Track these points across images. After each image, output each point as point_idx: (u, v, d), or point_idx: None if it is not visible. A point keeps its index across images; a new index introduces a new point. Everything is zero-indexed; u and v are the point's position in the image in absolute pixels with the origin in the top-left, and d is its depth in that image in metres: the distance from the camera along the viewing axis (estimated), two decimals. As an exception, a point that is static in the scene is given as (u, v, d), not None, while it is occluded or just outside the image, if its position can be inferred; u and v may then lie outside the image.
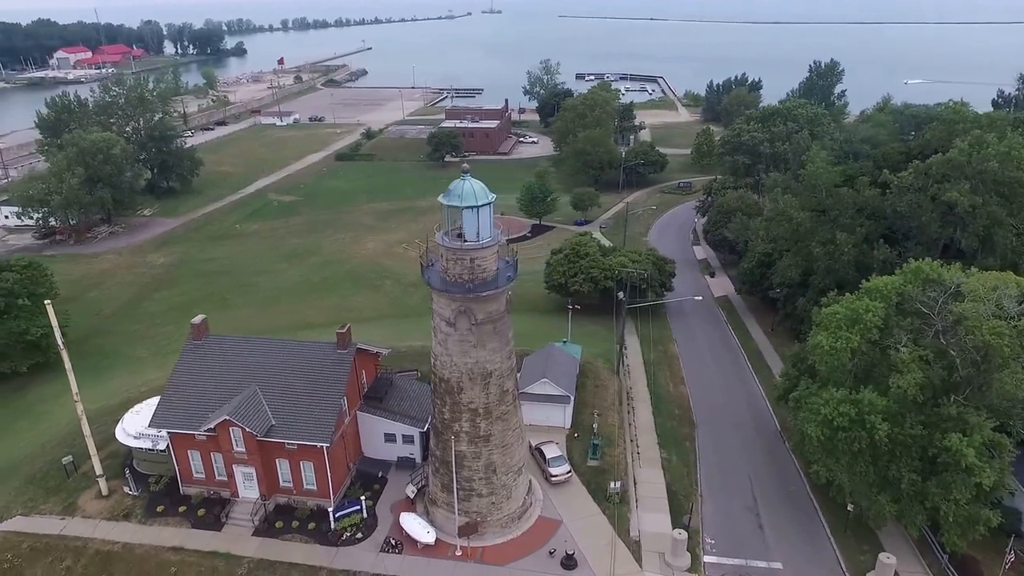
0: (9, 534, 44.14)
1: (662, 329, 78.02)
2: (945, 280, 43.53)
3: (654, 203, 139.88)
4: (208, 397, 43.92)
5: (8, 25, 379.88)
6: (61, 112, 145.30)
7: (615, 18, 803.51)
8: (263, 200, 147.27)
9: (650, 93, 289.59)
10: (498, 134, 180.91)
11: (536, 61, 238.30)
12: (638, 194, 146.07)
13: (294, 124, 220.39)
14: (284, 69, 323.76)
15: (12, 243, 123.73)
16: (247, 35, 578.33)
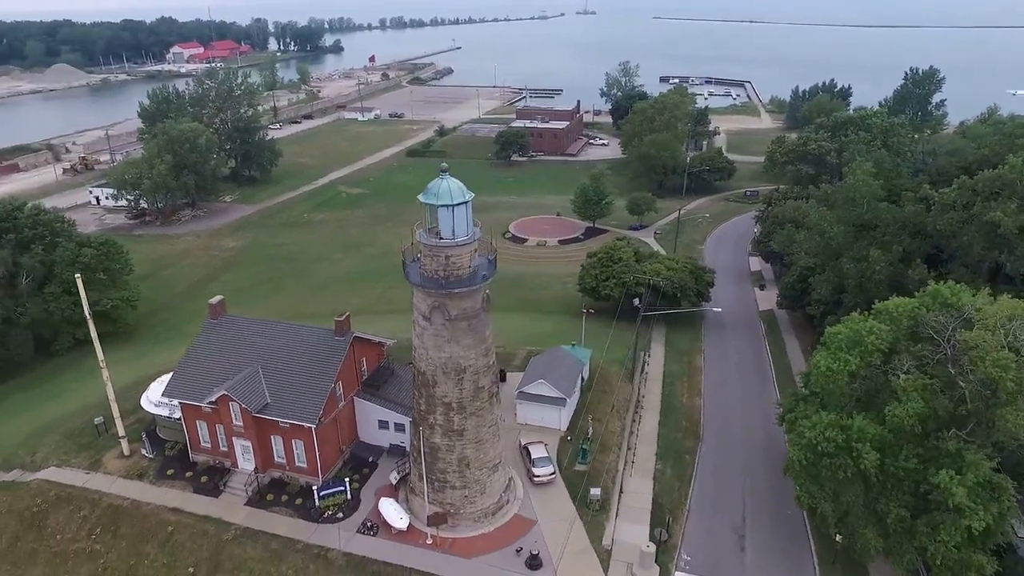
0: (42, 482, 48.67)
1: (693, 340, 76.15)
2: (964, 305, 40.56)
3: (717, 211, 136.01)
4: (216, 372, 46.79)
5: (134, 22, 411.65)
6: (161, 103, 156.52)
7: (713, 20, 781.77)
8: (333, 191, 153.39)
9: (734, 98, 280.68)
10: (567, 135, 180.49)
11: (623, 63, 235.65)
12: (702, 201, 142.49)
13: (374, 120, 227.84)
14: (374, 66, 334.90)
15: (108, 222, 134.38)
16: (347, 33, 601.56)
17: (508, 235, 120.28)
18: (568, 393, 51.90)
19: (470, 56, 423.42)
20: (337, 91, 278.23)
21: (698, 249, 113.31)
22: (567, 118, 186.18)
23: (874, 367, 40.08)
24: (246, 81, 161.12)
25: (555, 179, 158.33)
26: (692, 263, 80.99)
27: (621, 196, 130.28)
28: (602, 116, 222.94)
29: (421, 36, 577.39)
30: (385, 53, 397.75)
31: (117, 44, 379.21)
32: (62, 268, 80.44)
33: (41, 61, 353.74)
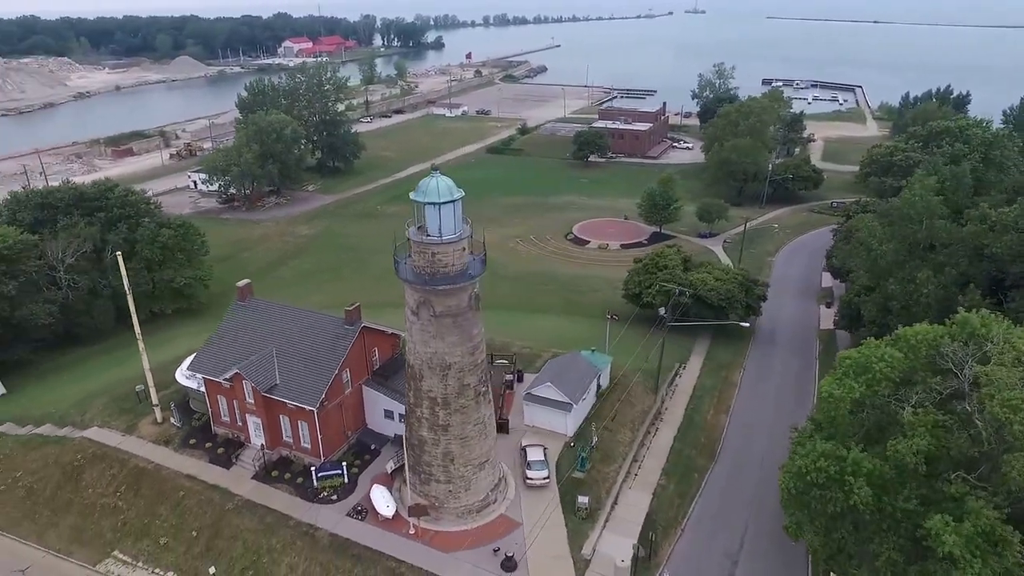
0: (84, 440, 53.72)
1: (736, 354, 73.55)
2: (992, 336, 37.29)
3: (797, 222, 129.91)
4: (236, 351, 49.97)
5: (252, 18, 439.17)
6: (256, 95, 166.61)
7: (833, 20, 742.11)
8: (409, 185, 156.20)
9: (840, 103, 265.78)
10: (649, 137, 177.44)
11: (729, 63, 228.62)
12: (783, 211, 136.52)
13: (461, 116, 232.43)
14: (469, 63, 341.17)
15: (201, 205, 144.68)
16: (451, 30, 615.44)
17: (570, 236, 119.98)
18: (575, 399, 51.61)
19: (568, 55, 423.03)
20: (431, 87, 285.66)
21: (768, 261, 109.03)
22: (651, 120, 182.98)
23: (882, 397, 37.56)
24: (335, 76, 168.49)
25: (630, 182, 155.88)
26: (743, 275, 78.05)
27: (695, 202, 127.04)
28: (691, 119, 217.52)
29: (522, 34, 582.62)
30: (483, 50, 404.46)
31: (235, 38, 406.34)
32: (143, 246, 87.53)
33: (168, 54, 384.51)
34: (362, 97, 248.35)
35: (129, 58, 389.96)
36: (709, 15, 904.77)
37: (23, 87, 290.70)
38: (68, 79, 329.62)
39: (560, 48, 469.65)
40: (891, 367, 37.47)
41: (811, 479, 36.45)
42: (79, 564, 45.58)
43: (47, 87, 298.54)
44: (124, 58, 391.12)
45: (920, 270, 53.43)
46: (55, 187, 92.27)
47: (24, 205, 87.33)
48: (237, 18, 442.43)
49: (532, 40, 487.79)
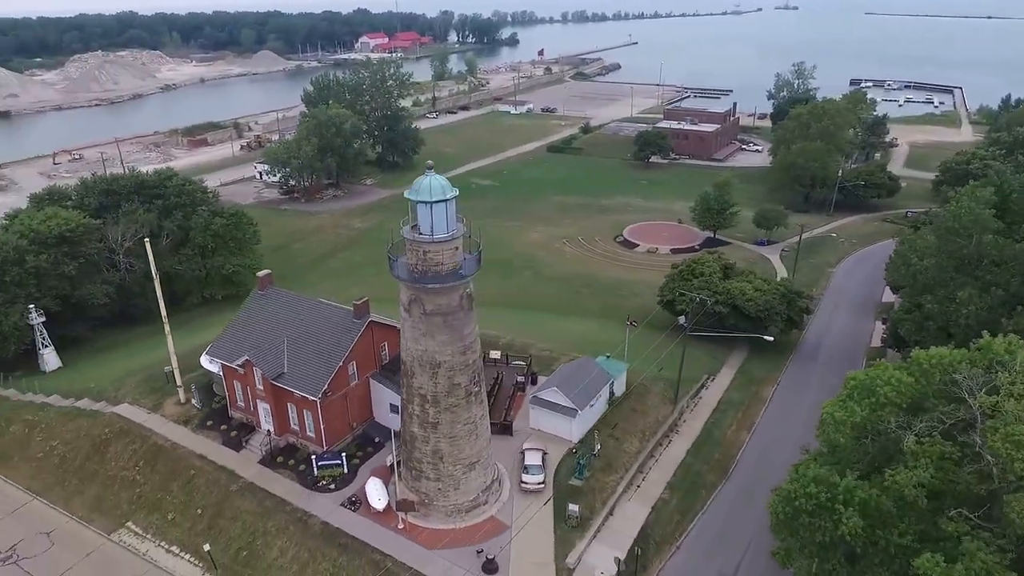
0: (114, 415, 57.57)
1: (772, 369, 71.23)
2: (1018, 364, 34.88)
3: (867, 232, 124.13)
4: (252, 338, 52.36)
5: (332, 13, 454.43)
6: (321, 90, 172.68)
7: (941, 16, 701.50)
8: (465, 182, 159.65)
9: (935, 106, 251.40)
10: (715, 139, 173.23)
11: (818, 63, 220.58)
12: (853, 219, 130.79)
13: (526, 113, 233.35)
14: (542, 60, 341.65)
15: (264, 196, 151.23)
16: (528, 26, 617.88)
17: (620, 239, 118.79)
18: (582, 405, 51.35)
19: (644, 53, 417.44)
20: (501, 84, 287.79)
21: (827, 272, 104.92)
22: (719, 121, 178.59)
23: (886, 423, 35.75)
24: (397, 72, 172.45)
25: (691, 184, 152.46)
26: (785, 286, 75.36)
27: (757, 207, 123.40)
28: (765, 120, 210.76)
29: (600, 31, 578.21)
30: (557, 47, 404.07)
31: (315, 34, 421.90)
32: (196, 233, 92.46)
33: (251, 48, 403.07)
34: (429, 93, 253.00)
35: (215, 52, 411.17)
36: (802, 11, 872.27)
37: (117, 79, 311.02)
38: (158, 71, 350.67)
39: (637, 45, 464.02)
40: (897, 392, 35.64)
41: (799, 505, 35.13)
42: (96, 532, 48.90)
43: (138, 79, 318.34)
44: (211, 52, 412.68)
45: (963, 288, 50.32)
46: (119, 175, 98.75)
47: (91, 191, 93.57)
48: (318, 14, 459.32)
49: (609, 37, 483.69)
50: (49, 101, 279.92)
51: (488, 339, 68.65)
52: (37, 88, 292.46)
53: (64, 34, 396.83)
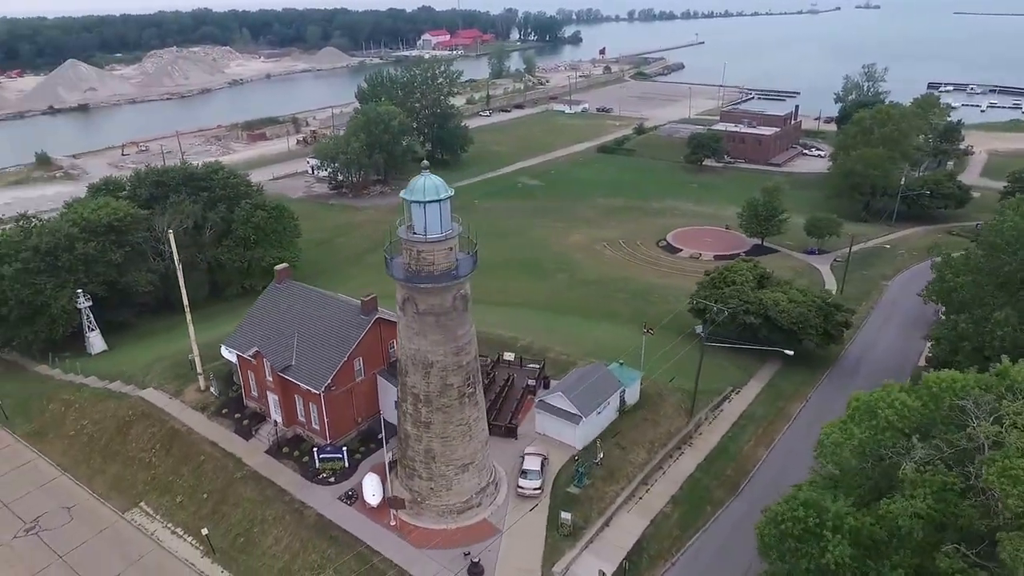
0: (139, 398, 60.36)
1: (804, 384, 68.84)
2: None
3: (929, 243, 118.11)
4: (266, 330, 53.98)
5: (396, 11, 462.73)
6: (375, 86, 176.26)
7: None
8: (512, 181, 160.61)
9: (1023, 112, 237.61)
10: (773, 142, 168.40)
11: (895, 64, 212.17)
12: (915, 231, 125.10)
13: (581, 113, 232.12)
14: (602, 59, 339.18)
15: (314, 190, 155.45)
16: (593, 24, 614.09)
17: (662, 243, 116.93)
18: (587, 411, 50.84)
19: (710, 53, 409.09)
20: (559, 82, 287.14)
21: (881, 285, 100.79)
22: (778, 124, 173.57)
23: (885, 448, 34.10)
24: (448, 70, 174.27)
25: (744, 189, 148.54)
26: (824, 298, 72.59)
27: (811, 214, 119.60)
28: (832, 125, 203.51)
29: (666, 30, 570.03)
30: (621, 46, 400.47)
31: (379, 31, 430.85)
32: (238, 225, 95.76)
33: (317, 44, 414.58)
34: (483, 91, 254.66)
35: (282, 48, 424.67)
36: (884, 10, 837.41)
37: (188, 74, 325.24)
38: (227, 67, 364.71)
39: (703, 45, 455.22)
40: (900, 415, 33.98)
41: (786, 528, 33.89)
42: (112, 509, 51.35)
43: (207, 74, 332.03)
44: (278, 48, 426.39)
45: (1002, 308, 47.48)
46: (170, 167, 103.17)
47: (143, 182, 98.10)
48: (383, 11, 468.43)
49: (675, 36, 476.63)
50: (124, 95, 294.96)
51: (506, 341, 69.03)
52: (115, 82, 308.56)
53: (143, 31, 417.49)
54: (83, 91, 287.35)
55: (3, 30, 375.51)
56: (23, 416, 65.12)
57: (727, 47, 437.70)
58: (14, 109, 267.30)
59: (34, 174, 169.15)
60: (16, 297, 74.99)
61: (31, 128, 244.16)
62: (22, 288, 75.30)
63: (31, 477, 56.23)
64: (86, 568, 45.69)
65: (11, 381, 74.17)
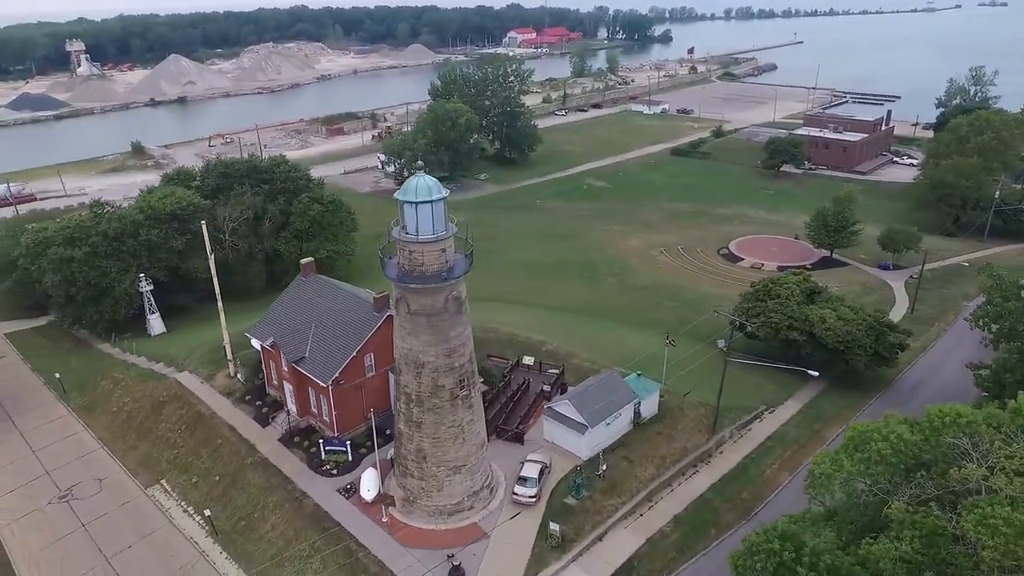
0: (173, 381, 64.18)
1: (849, 407, 65.36)
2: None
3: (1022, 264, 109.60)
4: (288, 321, 56.14)
5: (485, 8, 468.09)
6: (448, 84, 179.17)
7: None
8: (578, 182, 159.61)
9: None
10: (860, 149, 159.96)
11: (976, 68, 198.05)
12: (1011, 248, 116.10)
13: (660, 114, 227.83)
14: (690, 59, 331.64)
15: (381, 185, 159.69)
16: (687, 23, 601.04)
17: (723, 251, 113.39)
18: (594, 421, 50.07)
19: (808, 53, 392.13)
20: (643, 82, 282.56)
21: (960, 306, 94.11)
22: (867, 129, 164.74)
23: (875, 483, 31.98)
24: (519, 68, 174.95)
25: (823, 198, 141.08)
26: (877, 317, 68.44)
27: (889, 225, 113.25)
28: (930, 132, 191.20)
29: (764, 29, 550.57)
30: (712, 45, 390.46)
31: (466, 28, 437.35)
32: (296, 218, 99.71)
33: (405, 41, 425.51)
34: (561, 90, 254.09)
35: (372, 45, 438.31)
36: (1012, 7, 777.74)
37: (280, 69, 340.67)
38: (317, 63, 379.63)
39: (801, 45, 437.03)
40: (895, 449, 31.79)
41: (758, 561, 32.32)
42: (137, 485, 54.80)
43: (298, 69, 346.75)
44: (368, 44, 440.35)
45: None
46: (235, 159, 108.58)
47: (211, 173, 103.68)
48: (471, 8, 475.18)
49: (771, 36, 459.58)
50: (219, 88, 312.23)
51: (533, 344, 68.85)
52: (212, 76, 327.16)
53: (242, 27, 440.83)
54: (183, 85, 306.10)
55: (117, 26, 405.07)
56: (79, 391, 70.29)
57: (828, 47, 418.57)
58: (121, 101, 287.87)
59: (128, 162, 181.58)
60: (84, 279, 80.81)
61: (134, 119, 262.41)
62: (90, 271, 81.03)
63: (74, 448, 60.69)
64: (103, 538, 48.93)
65: (77, 357, 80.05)
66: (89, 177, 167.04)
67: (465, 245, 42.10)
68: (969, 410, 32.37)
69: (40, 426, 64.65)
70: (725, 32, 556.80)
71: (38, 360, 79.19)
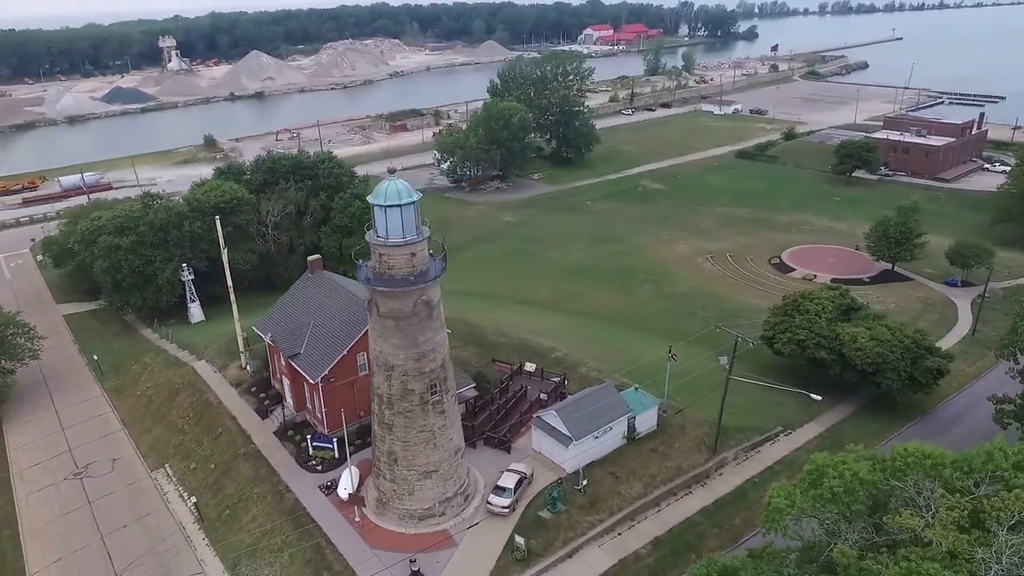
0: (190, 369, 67.67)
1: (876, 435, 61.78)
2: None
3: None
4: (290, 317, 57.96)
5: (562, 4, 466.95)
6: (507, 81, 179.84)
7: None
8: (633, 183, 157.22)
9: None
10: (945, 155, 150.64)
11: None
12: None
13: (731, 115, 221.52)
14: (773, 57, 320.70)
15: (435, 182, 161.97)
16: (778, 19, 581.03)
17: (775, 261, 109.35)
18: (580, 434, 49.36)
19: (908, 50, 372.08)
20: (721, 80, 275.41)
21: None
22: (953, 133, 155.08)
23: (823, 522, 30.26)
24: (579, 67, 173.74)
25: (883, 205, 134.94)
26: (915, 339, 64.41)
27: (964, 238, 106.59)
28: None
29: (862, 24, 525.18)
30: (800, 42, 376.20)
31: (542, 24, 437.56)
32: (336, 213, 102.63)
33: (480, 38, 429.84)
34: (629, 88, 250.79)
35: (447, 41, 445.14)
36: None
37: (355, 65, 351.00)
38: (392, 59, 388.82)
39: (901, 41, 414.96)
40: (847, 488, 29.98)
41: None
42: (144, 467, 57.90)
43: (372, 66, 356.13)
44: (443, 41, 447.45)
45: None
46: (283, 155, 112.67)
47: (259, 168, 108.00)
48: (548, 4, 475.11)
49: (869, 32, 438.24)
50: (296, 84, 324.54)
51: (542, 350, 68.51)
52: (290, 72, 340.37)
53: (323, 24, 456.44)
54: (262, 80, 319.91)
55: (207, 23, 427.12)
56: (114, 373, 74.83)
57: (930, 44, 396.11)
58: (203, 95, 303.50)
59: (199, 155, 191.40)
60: (129, 266, 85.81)
61: (213, 112, 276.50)
62: (135, 259, 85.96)
63: (99, 428, 64.70)
64: (103, 516, 51.98)
65: (120, 341, 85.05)
66: (162, 168, 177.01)
67: (439, 248, 42.34)
68: (938, 452, 30.13)
69: (75, 405, 69.19)
70: (819, 28, 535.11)
71: (86, 341, 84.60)
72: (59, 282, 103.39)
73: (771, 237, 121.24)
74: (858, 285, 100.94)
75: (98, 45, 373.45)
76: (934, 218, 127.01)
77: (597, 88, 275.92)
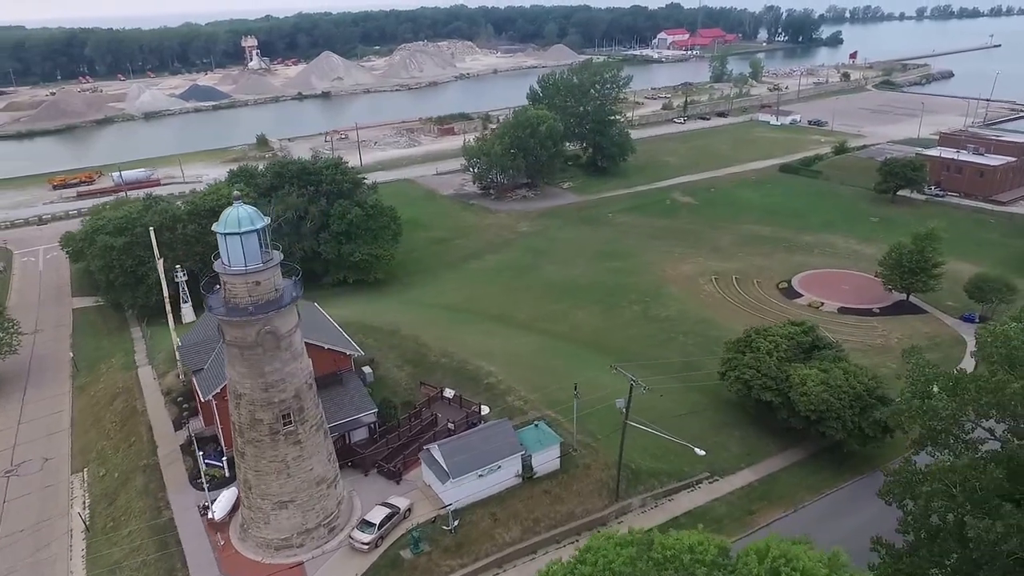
0: (134, 374, 69.16)
1: (813, 488, 57.13)
2: None
3: None
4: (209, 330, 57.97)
5: (639, 8, 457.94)
6: (547, 88, 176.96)
7: None
8: (663, 196, 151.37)
9: None
10: (1002, 175, 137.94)
11: None
12: None
13: (788, 126, 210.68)
14: (851, 64, 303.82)
15: (464, 189, 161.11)
16: (870, 24, 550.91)
17: (783, 285, 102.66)
18: (458, 471, 47.02)
19: (1007, 58, 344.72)
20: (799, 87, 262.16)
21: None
22: (1016, 153, 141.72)
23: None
24: (616, 75, 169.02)
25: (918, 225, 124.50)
26: (868, 386, 58.18)
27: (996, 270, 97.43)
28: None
29: (959, 30, 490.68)
30: (888, 48, 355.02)
31: (615, 28, 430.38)
32: (334, 220, 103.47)
33: (552, 41, 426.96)
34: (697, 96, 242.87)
35: (520, 44, 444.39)
36: None
37: (422, 67, 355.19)
38: (462, 61, 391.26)
39: (999, 49, 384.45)
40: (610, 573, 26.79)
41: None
42: (68, 470, 59.07)
43: (439, 68, 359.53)
44: (516, 44, 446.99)
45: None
46: (289, 160, 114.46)
47: (268, 172, 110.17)
48: (624, 8, 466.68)
49: (964, 39, 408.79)
50: (363, 84, 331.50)
51: (477, 376, 66.09)
52: (359, 72, 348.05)
53: (400, 25, 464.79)
54: (331, 80, 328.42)
55: (289, 23, 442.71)
56: (87, 371, 77.32)
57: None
58: (274, 94, 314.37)
59: (250, 153, 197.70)
60: (121, 266, 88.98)
61: (280, 111, 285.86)
62: (127, 259, 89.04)
63: (51, 426, 66.68)
64: (10, 518, 53.22)
65: (110, 338, 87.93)
66: (211, 166, 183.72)
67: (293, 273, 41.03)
68: (705, 544, 26.46)
69: (42, 400, 71.72)
70: (913, 34, 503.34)
71: (80, 337, 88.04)
72: (78, 276, 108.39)
73: (787, 259, 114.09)
74: (866, 316, 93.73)
75: (186, 44, 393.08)
76: (975, 245, 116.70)
77: (656, 95, 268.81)
